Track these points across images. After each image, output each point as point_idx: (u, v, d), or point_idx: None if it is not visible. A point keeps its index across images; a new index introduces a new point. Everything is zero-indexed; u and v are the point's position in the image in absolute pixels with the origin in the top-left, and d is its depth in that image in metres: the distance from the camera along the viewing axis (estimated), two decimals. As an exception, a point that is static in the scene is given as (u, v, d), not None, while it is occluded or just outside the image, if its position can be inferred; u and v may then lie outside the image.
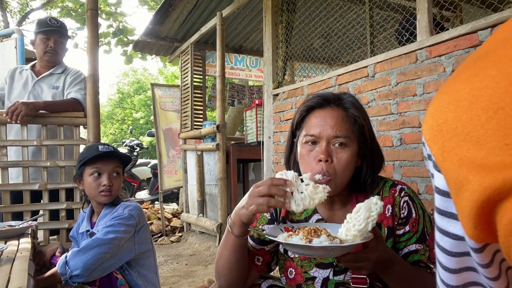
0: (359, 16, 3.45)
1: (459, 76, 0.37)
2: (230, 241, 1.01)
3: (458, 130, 0.33)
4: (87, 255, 1.42)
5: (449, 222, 0.38)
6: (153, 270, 1.71)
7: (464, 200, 0.33)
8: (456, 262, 0.40)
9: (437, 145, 0.36)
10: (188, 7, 4.36)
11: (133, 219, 1.59)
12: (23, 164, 2.49)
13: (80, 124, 2.66)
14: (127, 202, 1.67)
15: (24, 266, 1.16)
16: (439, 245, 0.41)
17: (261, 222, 1.15)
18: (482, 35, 1.70)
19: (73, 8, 9.40)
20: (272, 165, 3.21)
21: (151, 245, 1.72)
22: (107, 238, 1.48)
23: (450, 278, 0.41)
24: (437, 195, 0.38)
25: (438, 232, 0.40)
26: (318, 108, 1.05)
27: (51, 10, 12.14)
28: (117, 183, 1.66)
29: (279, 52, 3.25)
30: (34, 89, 2.55)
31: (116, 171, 1.67)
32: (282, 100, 3.10)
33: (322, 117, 1.03)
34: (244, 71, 6.02)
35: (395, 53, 2.13)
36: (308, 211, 1.11)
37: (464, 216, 0.33)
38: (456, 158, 0.33)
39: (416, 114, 2.00)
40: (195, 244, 4.11)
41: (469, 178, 0.32)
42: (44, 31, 2.53)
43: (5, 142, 2.47)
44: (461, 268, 0.40)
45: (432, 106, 0.38)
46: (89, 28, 2.40)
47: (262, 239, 1.12)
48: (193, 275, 3.07)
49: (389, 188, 1.07)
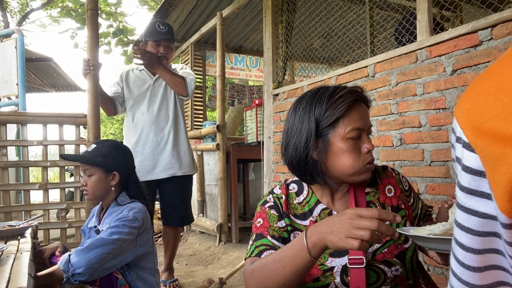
0: (359, 16, 3.45)
1: (501, 62, 0.39)
2: (299, 260, 0.87)
3: (498, 110, 0.36)
4: (91, 254, 1.43)
5: (479, 201, 0.39)
6: (151, 272, 1.72)
7: (500, 174, 0.34)
8: (481, 242, 0.40)
9: (472, 126, 0.38)
10: (188, 7, 4.37)
11: (137, 222, 1.60)
12: (23, 164, 2.49)
13: (80, 124, 2.66)
14: (132, 203, 1.68)
15: (24, 266, 1.16)
16: (463, 226, 0.41)
17: (273, 220, 1.10)
18: (482, 35, 1.70)
19: (73, 8, 9.40)
20: (272, 165, 3.21)
21: (152, 247, 1.72)
22: (111, 238, 1.50)
23: (472, 259, 0.41)
24: (466, 174, 0.39)
25: (463, 212, 0.41)
26: (356, 101, 1.05)
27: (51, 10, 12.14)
28: (90, 184, 1.68)
29: (279, 52, 3.25)
30: (154, 87, 2.70)
31: (85, 172, 1.69)
32: (282, 100, 3.10)
33: (361, 109, 1.04)
34: (244, 71, 6.02)
35: (395, 53, 2.13)
36: (311, 203, 1.11)
37: (499, 190, 0.35)
38: (494, 136, 0.35)
39: (416, 114, 2.00)
40: (195, 244, 4.11)
41: (506, 152, 0.34)
42: (154, 38, 2.68)
43: (5, 142, 2.47)
44: (486, 249, 0.40)
45: (470, 91, 0.40)
46: (89, 28, 2.40)
47: (283, 236, 1.07)
48: (193, 275, 3.07)
49: (383, 171, 1.15)
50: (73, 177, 2.95)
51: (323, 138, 1.02)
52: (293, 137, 1.06)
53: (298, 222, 1.09)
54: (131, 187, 1.75)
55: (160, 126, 2.65)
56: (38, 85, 7.90)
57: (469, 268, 0.41)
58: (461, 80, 1.78)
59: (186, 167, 2.72)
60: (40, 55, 6.57)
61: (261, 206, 1.13)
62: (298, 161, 1.05)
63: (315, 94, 1.06)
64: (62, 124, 2.59)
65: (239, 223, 3.93)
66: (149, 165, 2.59)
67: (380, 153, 2.21)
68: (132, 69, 2.80)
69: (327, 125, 1.01)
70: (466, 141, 0.39)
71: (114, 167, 1.70)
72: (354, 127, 1.00)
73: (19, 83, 4.04)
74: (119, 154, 1.75)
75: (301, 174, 1.08)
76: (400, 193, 1.12)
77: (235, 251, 3.53)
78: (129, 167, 1.80)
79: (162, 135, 2.65)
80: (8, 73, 4.11)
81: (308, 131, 1.03)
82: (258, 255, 1.04)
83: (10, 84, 4.10)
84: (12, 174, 5.11)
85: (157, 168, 2.61)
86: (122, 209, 1.64)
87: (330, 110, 1.01)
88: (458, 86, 1.79)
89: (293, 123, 1.07)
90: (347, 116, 1.01)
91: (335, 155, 1.02)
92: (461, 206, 0.41)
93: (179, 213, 2.72)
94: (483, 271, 0.41)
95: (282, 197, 1.11)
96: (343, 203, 1.10)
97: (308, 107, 1.05)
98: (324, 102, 1.02)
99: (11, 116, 2.66)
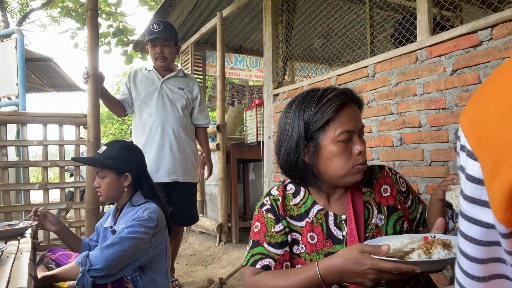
0: (359, 16, 3.45)
1: (502, 69, 0.39)
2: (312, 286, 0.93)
3: (498, 117, 0.35)
4: (108, 251, 1.47)
5: (482, 211, 0.38)
6: (164, 275, 1.72)
7: (497, 183, 0.34)
8: (484, 252, 0.40)
9: (475, 134, 0.38)
10: (188, 7, 4.36)
11: (152, 222, 1.61)
12: (23, 164, 2.49)
13: (80, 124, 2.66)
14: (146, 204, 1.68)
15: (24, 266, 1.16)
16: (466, 236, 0.41)
17: (271, 224, 1.09)
18: (482, 35, 1.70)
19: (73, 8, 9.40)
20: (272, 165, 3.21)
21: (165, 249, 1.72)
22: (127, 236, 1.52)
23: (476, 269, 0.41)
24: (470, 183, 0.39)
25: (467, 221, 0.40)
26: (345, 103, 1.04)
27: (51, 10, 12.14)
28: (103, 186, 1.69)
29: (279, 52, 3.25)
30: (162, 88, 2.68)
31: (97, 174, 1.71)
32: (282, 100, 3.10)
33: (351, 111, 1.03)
34: (244, 71, 6.02)
35: (395, 53, 2.13)
36: (307, 204, 1.10)
37: (496, 199, 0.34)
38: (493, 144, 0.35)
39: (416, 114, 2.00)
40: (195, 244, 4.11)
41: (501, 161, 0.33)
42: (150, 39, 2.65)
43: (5, 142, 2.47)
44: (489, 259, 0.40)
45: (474, 99, 0.40)
46: (89, 28, 2.40)
47: (281, 241, 1.06)
48: (193, 275, 3.07)
49: (379, 170, 1.15)
50: (73, 177, 2.95)
51: (313, 141, 1.02)
52: (285, 141, 1.06)
53: (294, 223, 1.09)
54: (144, 186, 1.75)
55: (166, 129, 2.61)
56: (38, 85, 7.90)
57: (474, 278, 0.41)
58: (461, 80, 1.78)
59: (188, 174, 2.69)
60: (40, 55, 6.57)
61: (258, 209, 1.13)
62: (290, 164, 1.06)
63: (304, 98, 1.05)
64: (62, 124, 2.60)
65: (239, 223, 3.93)
66: (152, 168, 2.57)
67: (380, 153, 2.21)
68: (141, 69, 2.77)
69: (317, 129, 1.01)
70: (470, 150, 0.39)
71: (126, 168, 1.70)
72: (344, 130, 1.00)
73: (19, 83, 4.04)
74: (130, 154, 1.73)
75: (293, 177, 1.09)
76: (396, 193, 1.12)
77: (235, 251, 3.53)
78: (141, 166, 1.79)
79: (167, 138, 2.61)
80: (8, 73, 4.11)
81: (298, 135, 1.03)
82: (253, 264, 1.06)
83: (10, 84, 4.10)
84: (12, 174, 5.11)
85: (160, 171, 2.58)
86: (137, 209, 1.65)
87: (319, 113, 1.01)
88: (458, 86, 1.79)
89: (284, 127, 1.08)
90: (336, 119, 1.00)
91: (326, 158, 1.02)
92: (464, 215, 0.41)
93: (185, 213, 2.71)
94: (488, 280, 0.40)
95: (278, 199, 1.11)
96: (339, 204, 1.10)
97: (297, 111, 1.04)
98: (313, 105, 1.02)
99: (11, 116, 2.66)
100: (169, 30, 2.68)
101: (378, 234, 1.06)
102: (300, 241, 1.08)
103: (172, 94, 2.67)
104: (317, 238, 1.06)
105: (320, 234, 1.07)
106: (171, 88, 2.68)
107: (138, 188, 1.74)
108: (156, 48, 2.65)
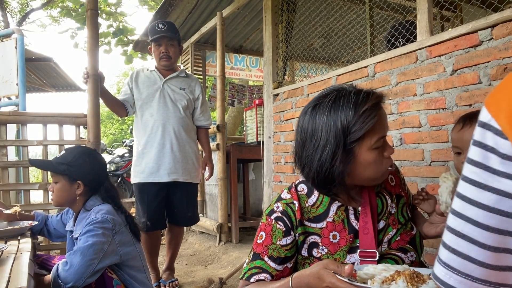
0: (359, 16, 3.45)
1: None
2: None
3: None
4: (75, 266, 1.43)
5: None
6: (141, 270, 1.71)
7: None
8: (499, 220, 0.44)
9: (505, 114, 0.42)
10: (188, 7, 4.36)
11: (107, 222, 1.57)
12: (23, 164, 2.49)
13: (80, 124, 2.66)
14: (99, 206, 1.64)
15: (24, 266, 1.16)
16: (493, 208, 0.44)
17: (277, 236, 1.04)
18: (482, 35, 1.70)
19: (73, 8, 9.40)
20: (272, 165, 3.20)
21: (134, 246, 1.70)
22: (87, 244, 1.48)
23: (488, 238, 0.45)
24: (504, 161, 0.43)
25: (496, 194, 0.44)
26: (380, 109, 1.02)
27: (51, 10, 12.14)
28: (55, 191, 1.67)
29: (279, 52, 3.25)
30: (164, 88, 2.68)
31: (52, 178, 1.70)
32: (282, 100, 3.10)
33: (383, 115, 1.01)
34: (244, 71, 6.01)
35: (395, 53, 2.13)
36: (325, 203, 1.07)
37: None
38: None
39: (416, 114, 2.00)
40: (195, 244, 4.11)
41: None
42: (154, 39, 2.66)
43: (5, 142, 2.47)
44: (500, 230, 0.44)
45: (505, 83, 0.45)
46: (89, 28, 2.40)
47: (284, 256, 1.03)
48: (193, 275, 3.07)
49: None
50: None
51: (347, 150, 0.98)
52: (316, 152, 0.99)
53: (313, 226, 1.06)
54: (100, 191, 1.70)
55: (167, 129, 2.61)
56: (38, 85, 7.89)
57: (485, 247, 0.46)
58: (461, 80, 1.78)
59: (189, 174, 2.69)
60: (40, 55, 6.57)
61: (267, 217, 1.08)
62: (324, 177, 1.00)
63: (334, 102, 0.99)
64: (62, 124, 2.59)
65: (239, 223, 3.93)
66: (153, 167, 2.57)
67: (380, 153, 2.21)
68: (143, 69, 2.78)
69: (355, 139, 0.96)
70: (499, 129, 0.42)
71: (79, 176, 1.65)
72: (380, 136, 0.99)
73: (19, 83, 4.04)
74: (85, 162, 1.67)
75: (327, 190, 1.05)
76: (399, 182, 1.18)
77: (235, 251, 3.53)
78: (97, 176, 1.72)
79: (168, 137, 2.61)
80: (8, 73, 4.11)
81: (335, 146, 0.97)
82: (248, 278, 1.04)
83: (10, 84, 4.10)
84: (12, 174, 5.10)
85: (160, 171, 2.59)
86: (89, 213, 1.61)
87: (358, 124, 0.95)
88: (458, 86, 1.79)
89: (312, 134, 1.01)
90: (373, 128, 0.97)
91: (360, 166, 0.99)
92: (492, 189, 0.44)
93: (185, 213, 2.71)
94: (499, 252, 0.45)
95: (294, 203, 1.06)
96: (357, 197, 1.10)
97: (331, 118, 0.98)
98: (351, 114, 0.96)
99: (11, 116, 2.66)
100: (173, 30, 2.71)
101: (393, 222, 1.10)
102: (320, 243, 1.05)
103: (174, 94, 2.67)
104: (339, 236, 1.05)
105: (342, 231, 1.06)
106: (172, 88, 2.69)
107: (93, 194, 1.70)
108: (161, 48, 2.66)
